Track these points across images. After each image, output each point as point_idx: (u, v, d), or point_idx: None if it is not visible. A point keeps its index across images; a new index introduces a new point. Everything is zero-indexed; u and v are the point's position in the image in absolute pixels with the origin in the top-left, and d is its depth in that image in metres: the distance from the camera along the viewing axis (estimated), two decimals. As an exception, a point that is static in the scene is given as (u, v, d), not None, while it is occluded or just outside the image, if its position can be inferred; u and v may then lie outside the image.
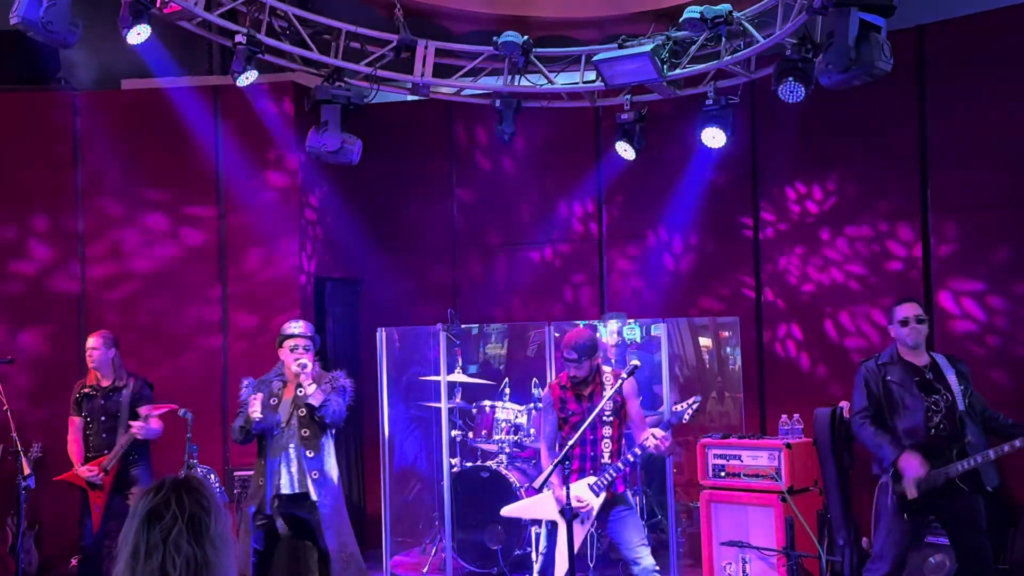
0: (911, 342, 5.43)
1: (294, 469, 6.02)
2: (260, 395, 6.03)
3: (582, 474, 5.65)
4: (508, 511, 6.25)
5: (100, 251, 8.47)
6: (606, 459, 5.65)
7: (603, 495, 5.60)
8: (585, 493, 5.60)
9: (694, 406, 5.65)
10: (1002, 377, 7.04)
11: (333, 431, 6.19)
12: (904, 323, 5.44)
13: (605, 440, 5.66)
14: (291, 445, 6.04)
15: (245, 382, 6.23)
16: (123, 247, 8.48)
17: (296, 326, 6.24)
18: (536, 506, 5.88)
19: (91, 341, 6.97)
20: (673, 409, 5.77)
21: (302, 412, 6.04)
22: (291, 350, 6.14)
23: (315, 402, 5.98)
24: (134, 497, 6.73)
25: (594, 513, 5.60)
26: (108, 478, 6.77)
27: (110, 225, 8.49)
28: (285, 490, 6.00)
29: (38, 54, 8.27)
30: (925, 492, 5.23)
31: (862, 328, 7.62)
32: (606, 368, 5.81)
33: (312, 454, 6.04)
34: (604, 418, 5.65)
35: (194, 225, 8.52)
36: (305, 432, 6.04)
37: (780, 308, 8.00)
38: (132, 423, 6.75)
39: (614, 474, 5.58)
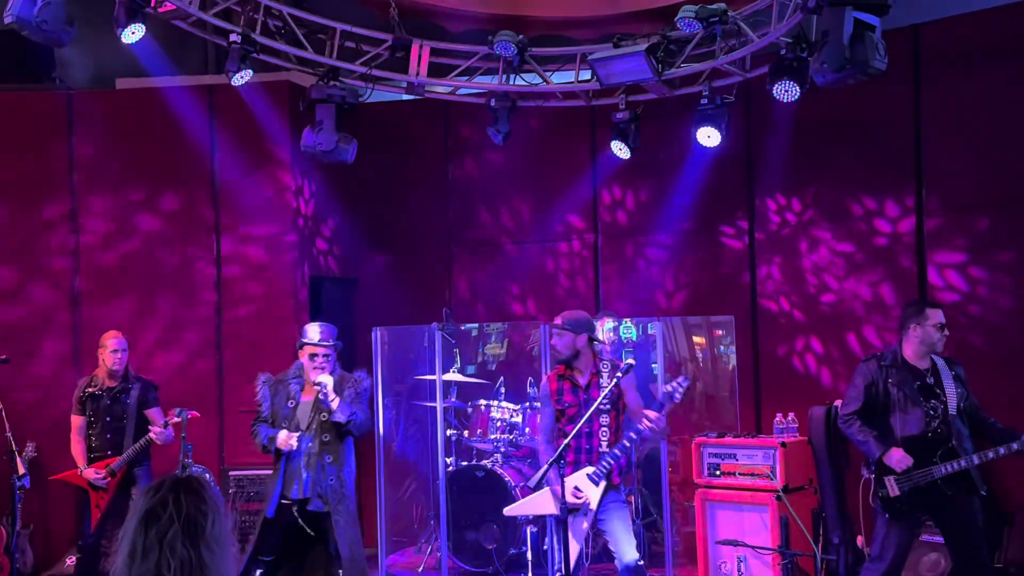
0: (940, 348, 5.42)
1: (311, 475, 5.85)
2: (296, 434, 5.84)
3: (577, 466, 5.60)
4: (510, 510, 6.16)
5: (94, 249, 8.45)
6: (604, 449, 5.59)
7: (602, 484, 5.54)
8: (584, 484, 5.56)
9: (684, 384, 5.51)
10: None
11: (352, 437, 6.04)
12: (941, 328, 5.39)
13: (603, 429, 5.61)
14: (310, 451, 5.89)
15: (262, 379, 6.10)
16: (117, 245, 8.46)
17: (315, 332, 5.98)
18: (536, 502, 5.77)
19: (114, 342, 6.88)
20: (664, 390, 5.65)
21: (323, 416, 5.88)
22: (310, 358, 5.94)
23: (342, 419, 5.82)
24: (135, 496, 6.77)
25: (593, 504, 5.55)
26: (114, 480, 6.75)
27: (105, 224, 8.47)
28: (298, 495, 5.86)
29: (33, 53, 8.25)
30: (909, 492, 5.24)
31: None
32: (606, 360, 5.78)
33: (331, 459, 5.89)
34: (601, 407, 5.59)
35: (189, 225, 8.51)
36: (325, 437, 5.89)
37: (776, 307, 8.01)
38: (152, 428, 6.73)
39: (611, 461, 5.52)
